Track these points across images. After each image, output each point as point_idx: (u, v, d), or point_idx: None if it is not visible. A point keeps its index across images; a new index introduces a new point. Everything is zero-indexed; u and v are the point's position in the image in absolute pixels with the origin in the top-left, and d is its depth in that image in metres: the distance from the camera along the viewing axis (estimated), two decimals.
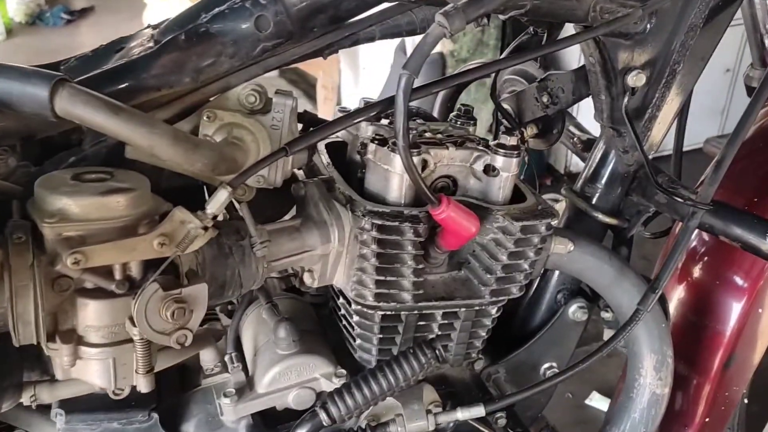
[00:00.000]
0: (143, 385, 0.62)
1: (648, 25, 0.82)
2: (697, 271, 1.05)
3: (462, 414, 0.76)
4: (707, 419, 1.04)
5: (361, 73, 4.15)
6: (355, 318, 0.79)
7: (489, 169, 0.78)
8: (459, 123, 0.89)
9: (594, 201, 0.94)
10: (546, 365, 0.97)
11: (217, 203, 0.58)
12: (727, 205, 0.84)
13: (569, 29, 0.91)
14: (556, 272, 0.98)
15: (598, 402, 2.10)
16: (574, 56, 2.70)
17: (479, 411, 0.76)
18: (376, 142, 0.74)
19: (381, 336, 0.79)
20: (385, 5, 0.72)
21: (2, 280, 0.55)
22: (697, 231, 0.99)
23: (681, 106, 0.90)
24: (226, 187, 0.59)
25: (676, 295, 1.05)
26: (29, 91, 0.54)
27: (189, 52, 0.64)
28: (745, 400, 1.23)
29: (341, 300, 0.82)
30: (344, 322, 0.84)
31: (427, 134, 0.83)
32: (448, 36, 0.62)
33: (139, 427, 0.77)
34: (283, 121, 0.67)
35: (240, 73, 0.67)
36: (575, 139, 1.13)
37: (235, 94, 0.67)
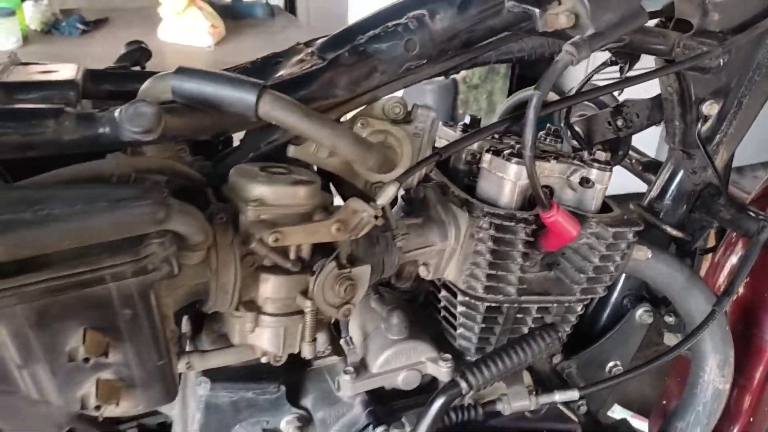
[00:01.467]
0: (308, 352, 0.71)
1: (722, 61, 0.94)
2: (745, 284, 1.15)
3: (560, 396, 0.85)
4: (751, 419, 1.14)
5: None
6: (460, 309, 0.89)
7: (584, 181, 0.88)
8: (548, 140, 0.99)
9: (661, 215, 1.05)
10: (611, 363, 1.07)
11: (386, 196, 0.68)
12: None
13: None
14: (622, 279, 1.08)
15: (620, 415, 2.19)
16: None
17: (574, 395, 0.86)
18: (491, 152, 0.85)
19: (483, 326, 0.89)
20: (504, 34, 0.83)
21: (208, 255, 0.64)
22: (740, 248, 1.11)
23: (744, 133, 1.01)
24: (395, 183, 0.69)
25: None
26: (238, 95, 0.64)
27: (351, 67, 0.74)
28: None
29: (443, 293, 0.92)
30: (444, 313, 0.94)
31: None
32: (574, 63, 0.73)
33: (268, 398, 0.86)
34: (424, 130, 0.77)
35: (385, 87, 0.78)
36: (634, 161, 1.23)
37: (380, 105, 0.78)
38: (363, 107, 0.78)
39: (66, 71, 0.69)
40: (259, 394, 0.85)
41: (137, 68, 0.86)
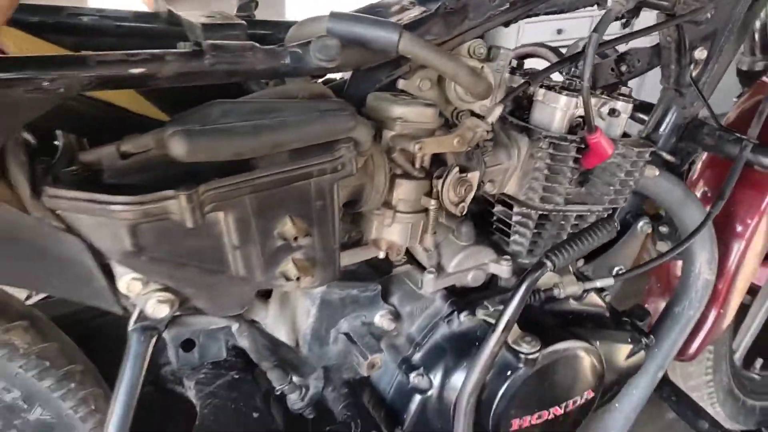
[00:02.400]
0: (429, 243, 0.89)
1: (709, 15, 1.17)
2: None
3: (600, 282, 1.07)
4: (721, 310, 1.41)
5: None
6: (516, 218, 1.08)
7: (612, 112, 1.09)
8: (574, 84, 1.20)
9: (658, 144, 1.28)
10: (617, 267, 1.31)
11: (494, 115, 0.86)
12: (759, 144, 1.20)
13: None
14: None
15: None
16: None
17: (610, 281, 1.08)
18: (544, 88, 1.04)
19: (535, 231, 1.09)
20: None
21: (366, 162, 0.81)
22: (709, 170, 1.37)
23: (722, 75, 1.25)
24: (500, 105, 0.87)
25: None
26: (383, 34, 0.79)
27: (448, 15, 0.91)
28: None
29: (498, 208, 1.11)
30: (497, 225, 1.13)
31: None
32: (622, 12, 0.93)
33: (368, 295, 1.02)
34: (504, 67, 0.96)
35: (471, 32, 0.95)
36: None
37: (465, 47, 0.95)
38: (454, 48, 0.95)
39: (227, 17, 0.82)
40: (362, 291, 1.01)
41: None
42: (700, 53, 1.18)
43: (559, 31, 3.42)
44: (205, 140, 0.64)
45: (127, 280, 0.74)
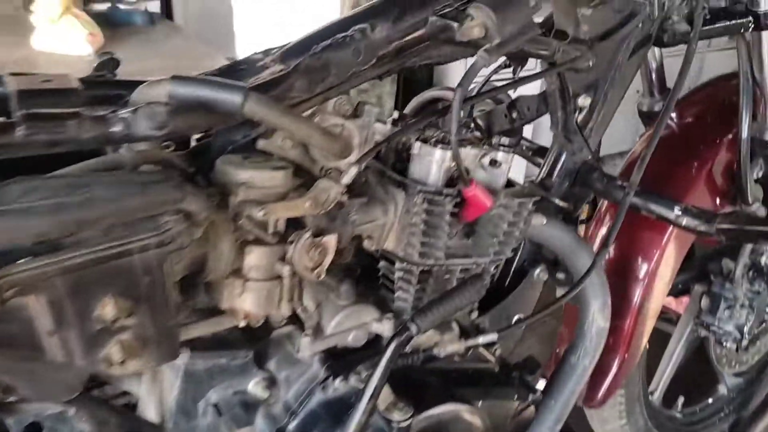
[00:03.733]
0: (286, 310, 0.84)
1: (591, 63, 1.17)
2: (615, 246, 1.41)
3: (482, 339, 1.04)
4: (626, 355, 1.40)
5: None
6: (398, 274, 1.05)
7: (493, 162, 1.07)
8: (464, 132, 1.18)
9: (551, 190, 1.27)
10: (516, 317, 1.28)
11: (350, 176, 0.83)
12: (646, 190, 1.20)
13: None
14: (522, 246, 1.30)
15: None
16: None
17: (493, 337, 1.05)
18: (420, 140, 1.01)
19: (417, 287, 1.05)
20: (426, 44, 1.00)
21: (206, 230, 0.76)
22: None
23: (610, 120, 1.25)
24: (356, 165, 0.83)
25: None
26: (225, 96, 0.75)
27: (310, 73, 0.87)
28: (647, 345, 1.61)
29: (382, 263, 1.08)
30: (382, 280, 1.10)
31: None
32: (487, 66, 0.92)
33: (238, 363, 0.97)
34: (369, 123, 0.93)
35: (336, 89, 0.92)
36: (525, 147, 1.46)
37: (331, 104, 0.92)
38: (318, 105, 0.92)
39: (64, 80, 0.77)
40: (231, 360, 0.96)
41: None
42: (584, 100, 1.18)
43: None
44: None
45: None
